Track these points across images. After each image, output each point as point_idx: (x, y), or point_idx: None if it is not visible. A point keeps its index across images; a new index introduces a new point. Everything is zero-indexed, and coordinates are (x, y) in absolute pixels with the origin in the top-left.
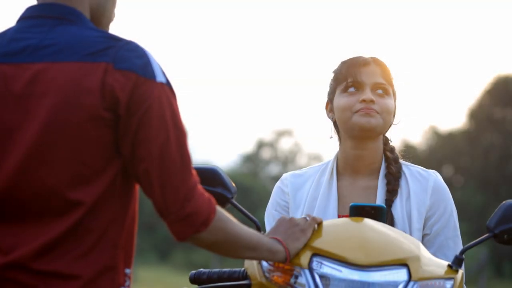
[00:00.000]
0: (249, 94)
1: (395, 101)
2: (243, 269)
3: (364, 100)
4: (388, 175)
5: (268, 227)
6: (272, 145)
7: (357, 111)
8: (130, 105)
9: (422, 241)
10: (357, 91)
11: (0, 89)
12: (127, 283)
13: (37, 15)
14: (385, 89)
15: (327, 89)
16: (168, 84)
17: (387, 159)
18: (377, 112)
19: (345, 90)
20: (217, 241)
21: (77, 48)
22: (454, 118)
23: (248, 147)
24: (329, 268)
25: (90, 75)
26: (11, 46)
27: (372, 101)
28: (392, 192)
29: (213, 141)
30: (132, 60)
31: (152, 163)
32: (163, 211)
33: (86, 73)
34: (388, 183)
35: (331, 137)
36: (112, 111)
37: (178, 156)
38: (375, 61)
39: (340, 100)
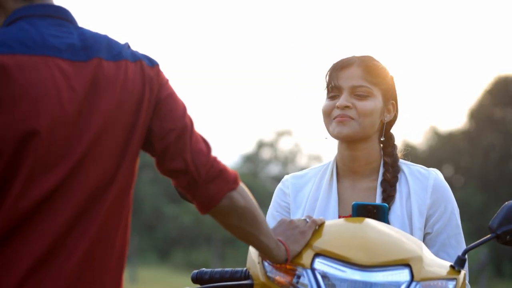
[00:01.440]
0: (250, 94)
1: (390, 99)
2: (245, 268)
3: (337, 107)
4: (383, 182)
5: None
6: (272, 145)
7: (334, 118)
8: (158, 89)
9: (424, 240)
10: (337, 96)
11: (61, 84)
12: None
13: (46, 15)
14: (366, 91)
15: None
16: None
17: (384, 164)
18: (352, 118)
19: (328, 95)
20: (246, 206)
21: (109, 48)
22: (454, 118)
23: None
24: (331, 268)
25: (136, 73)
26: (54, 42)
27: (346, 107)
28: (387, 199)
29: (214, 142)
30: (143, 55)
31: (184, 130)
32: (194, 175)
33: (134, 71)
34: (383, 191)
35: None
36: (150, 101)
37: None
38: (360, 61)
39: (323, 106)
